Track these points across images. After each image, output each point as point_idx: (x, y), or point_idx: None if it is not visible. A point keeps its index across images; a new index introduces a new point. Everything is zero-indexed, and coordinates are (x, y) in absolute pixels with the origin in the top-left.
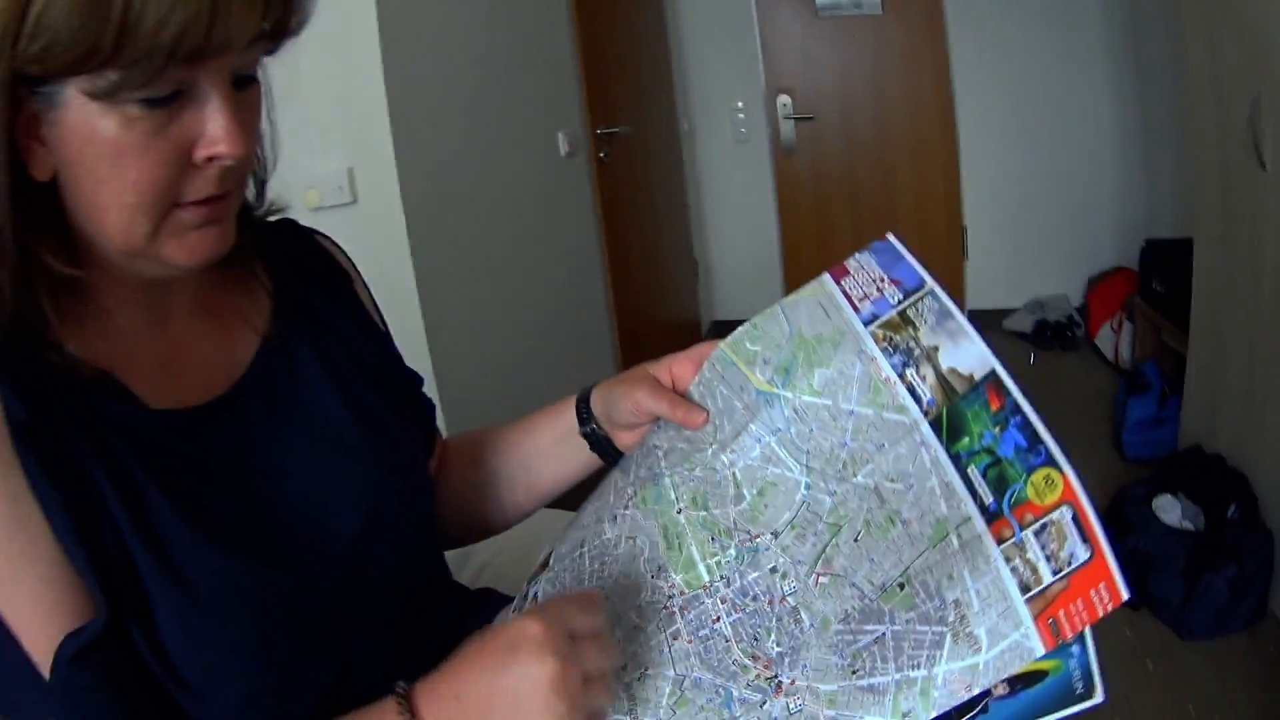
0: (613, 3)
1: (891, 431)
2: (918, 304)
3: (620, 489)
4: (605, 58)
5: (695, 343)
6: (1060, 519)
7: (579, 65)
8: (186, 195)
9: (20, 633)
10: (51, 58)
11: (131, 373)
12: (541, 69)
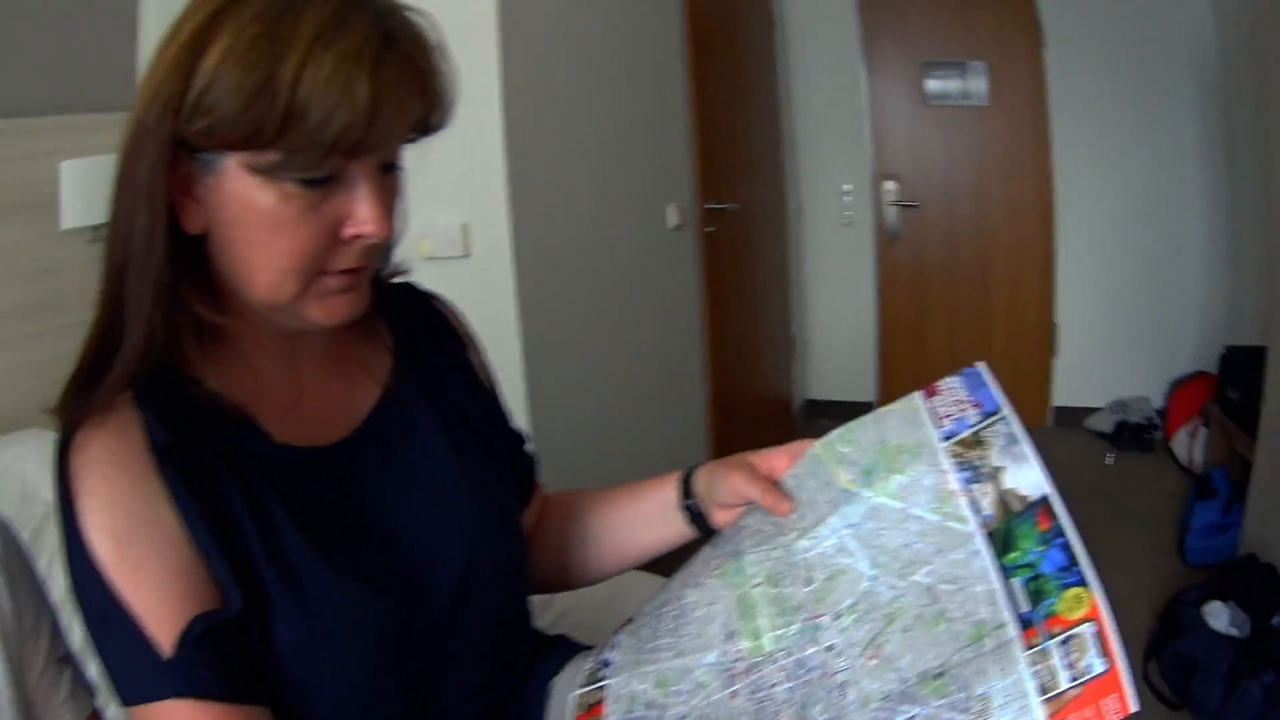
0: (729, 80)
1: (951, 538)
2: (992, 427)
3: (708, 560)
4: (719, 134)
5: (787, 419)
6: (1083, 633)
7: (693, 140)
8: (332, 265)
9: (143, 616)
10: (216, 134)
11: (263, 411)
12: (656, 141)
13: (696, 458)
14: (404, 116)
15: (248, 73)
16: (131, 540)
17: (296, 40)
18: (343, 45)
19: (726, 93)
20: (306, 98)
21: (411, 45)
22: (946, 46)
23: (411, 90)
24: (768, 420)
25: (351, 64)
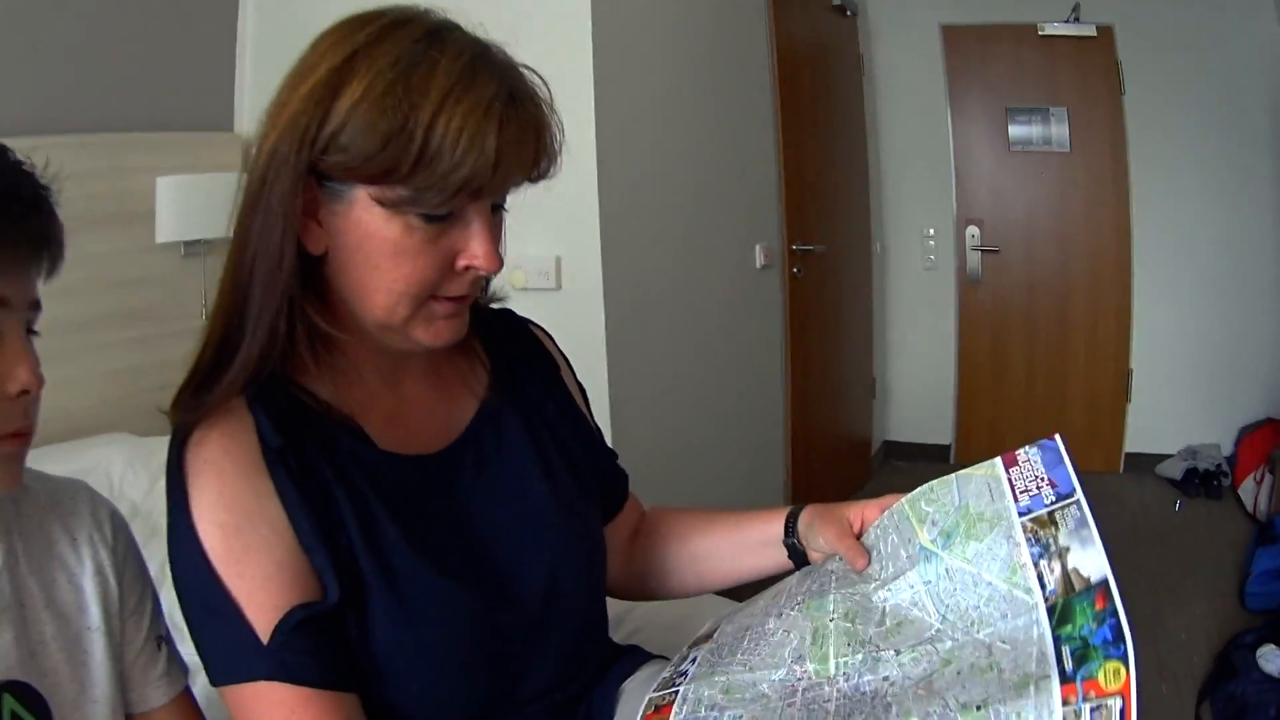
0: (817, 123)
1: (1015, 606)
2: (1065, 509)
3: (792, 594)
4: (806, 176)
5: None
6: (1112, 705)
7: (781, 182)
8: (442, 291)
9: (244, 603)
10: (350, 168)
11: (369, 420)
12: (745, 183)
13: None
14: (522, 165)
15: (383, 117)
16: (239, 532)
17: (431, 91)
18: (473, 99)
19: (814, 136)
20: (439, 145)
21: (531, 102)
22: (1029, 92)
23: (529, 142)
24: (846, 460)
25: (481, 117)
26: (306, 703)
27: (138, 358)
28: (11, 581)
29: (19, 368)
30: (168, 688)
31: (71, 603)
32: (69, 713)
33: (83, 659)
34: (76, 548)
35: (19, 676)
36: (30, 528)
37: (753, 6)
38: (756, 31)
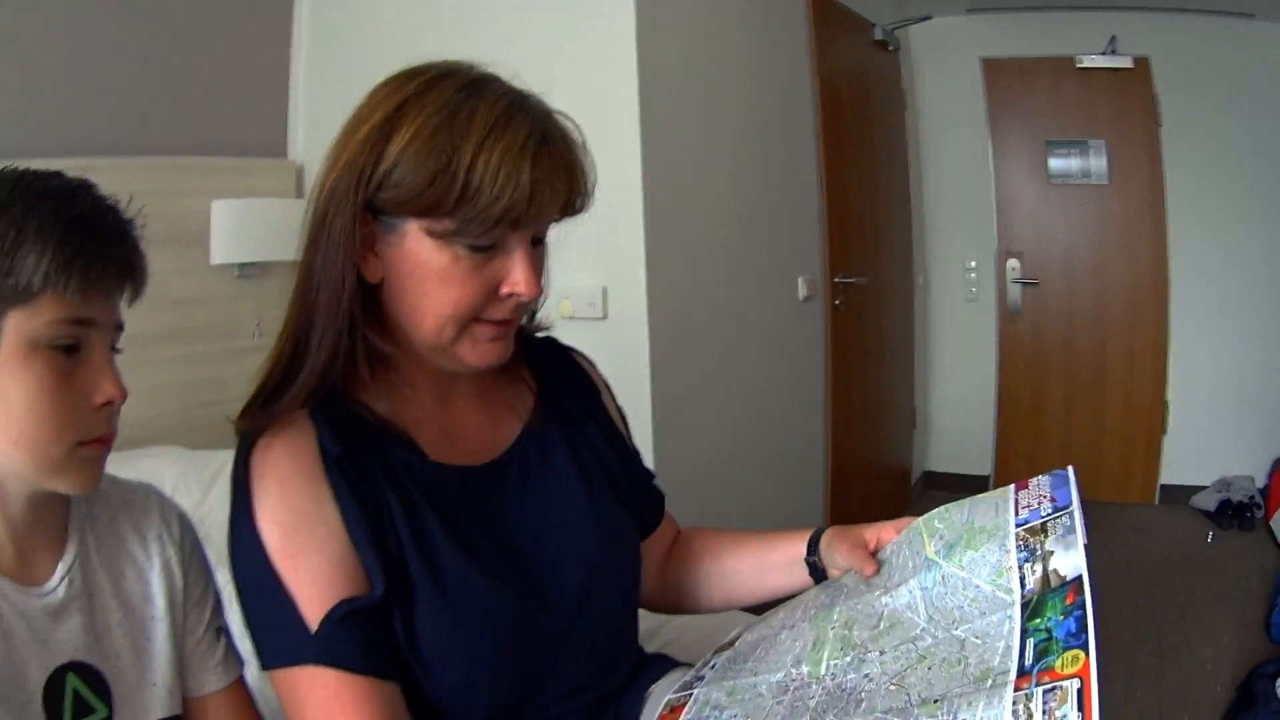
0: (860, 156)
1: (995, 604)
2: (1057, 519)
3: (807, 607)
4: (849, 208)
5: (904, 489)
6: (1068, 687)
7: (824, 213)
8: (486, 315)
9: (297, 594)
10: (401, 203)
11: (421, 434)
12: (789, 215)
13: (812, 520)
14: (555, 199)
15: (430, 156)
16: (297, 531)
17: (471, 133)
18: (509, 140)
19: (857, 168)
20: (479, 181)
21: (563, 143)
22: (1068, 125)
23: (562, 178)
24: (885, 489)
25: (517, 155)
26: (349, 687)
27: (191, 374)
28: (82, 572)
29: (105, 381)
30: (224, 675)
31: (138, 593)
32: (128, 694)
33: (145, 645)
34: (145, 544)
35: (84, 658)
36: (101, 525)
37: (795, 41)
38: (799, 66)
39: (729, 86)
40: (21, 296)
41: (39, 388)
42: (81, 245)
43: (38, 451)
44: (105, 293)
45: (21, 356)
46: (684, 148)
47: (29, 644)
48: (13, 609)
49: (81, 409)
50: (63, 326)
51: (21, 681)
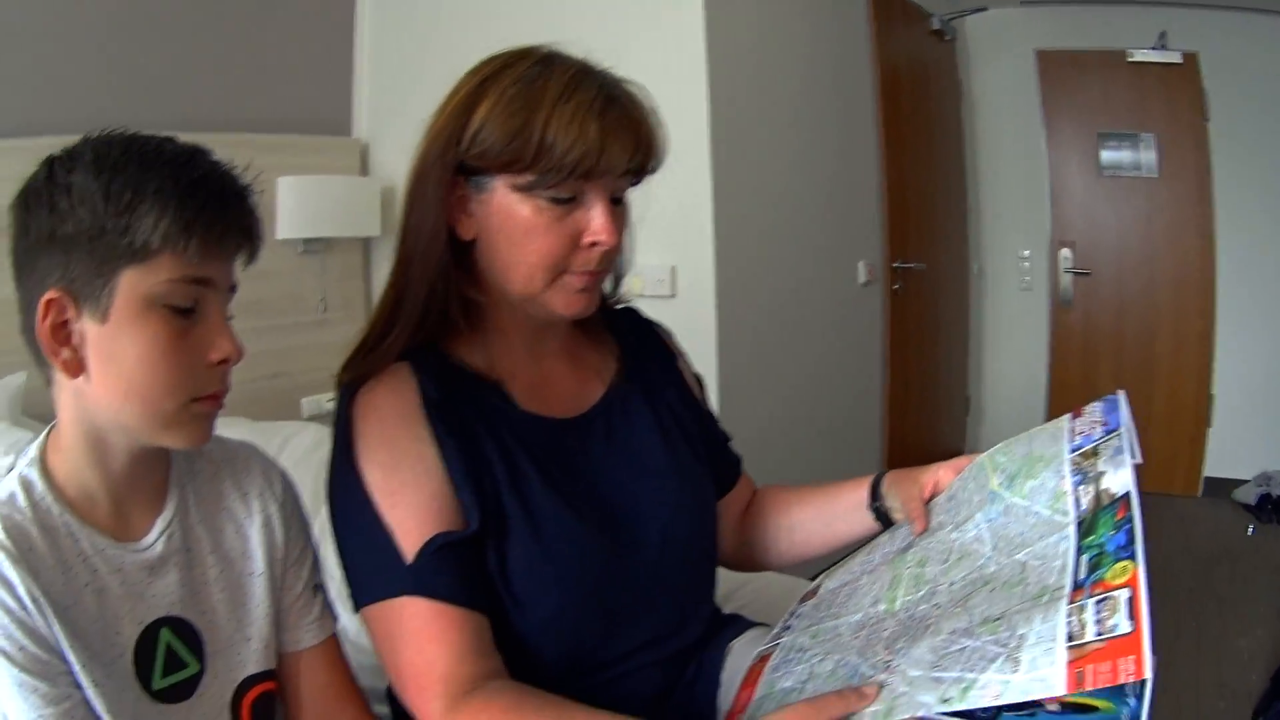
0: (918, 145)
1: (1052, 527)
2: (1108, 441)
3: (885, 551)
4: (907, 196)
5: None
6: (1118, 597)
7: (883, 200)
8: (572, 266)
9: (396, 530)
10: (486, 160)
11: (513, 385)
12: (850, 199)
13: None
14: (624, 152)
15: (510, 118)
16: (397, 469)
17: (546, 96)
18: (579, 100)
19: (914, 156)
20: (553, 136)
21: (630, 103)
22: (1119, 118)
23: (629, 133)
24: None
25: (585, 112)
26: (439, 616)
27: (256, 347)
28: (181, 527)
29: (221, 338)
30: (319, 631)
31: (237, 549)
32: (222, 648)
33: (243, 600)
34: (247, 501)
35: (179, 613)
36: (201, 481)
37: (855, 29)
38: (859, 54)
39: (793, 73)
40: (138, 255)
41: (154, 344)
42: (203, 206)
43: (150, 406)
44: (224, 254)
45: (137, 313)
46: (750, 134)
47: (122, 599)
48: (108, 564)
49: (196, 366)
50: (180, 286)
51: (113, 637)
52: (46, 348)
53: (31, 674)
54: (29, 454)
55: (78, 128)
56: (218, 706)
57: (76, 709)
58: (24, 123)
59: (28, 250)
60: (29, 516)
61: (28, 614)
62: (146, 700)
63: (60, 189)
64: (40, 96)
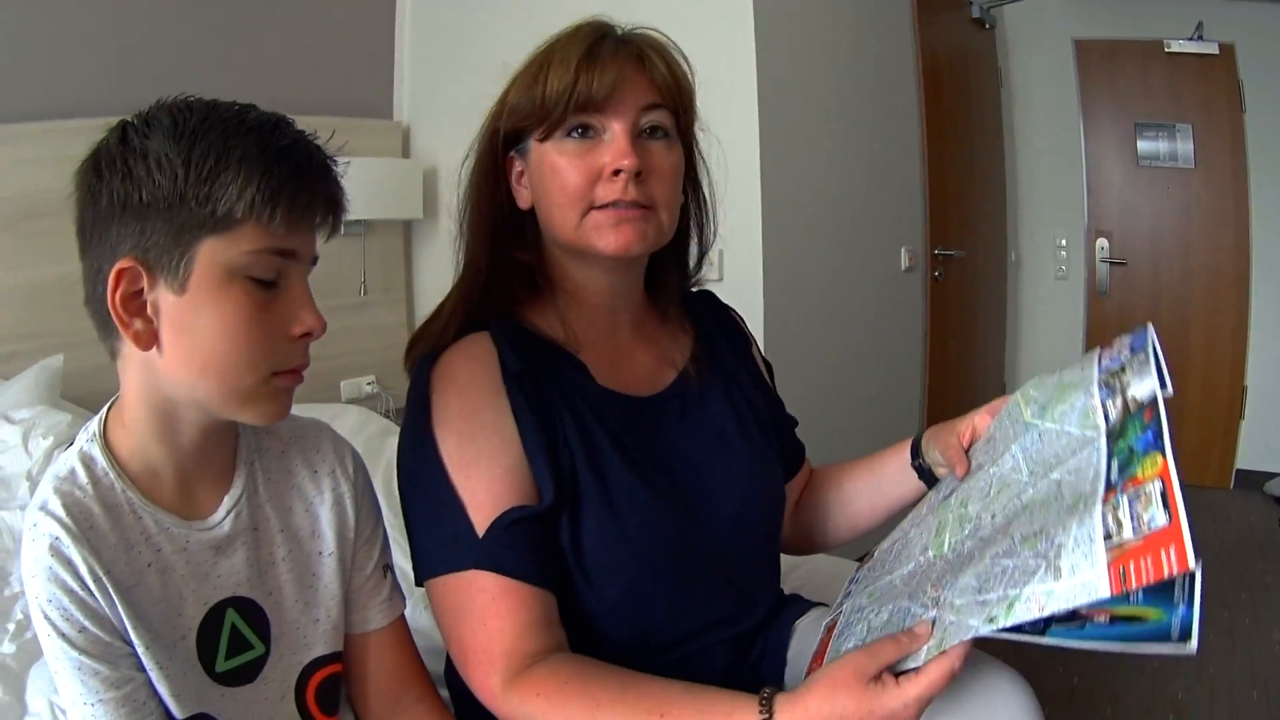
0: (959, 133)
1: (1084, 442)
2: (1134, 358)
3: (933, 503)
4: (948, 183)
5: None
6: (1151, 490)
7: (925, 187)
8: (600, 199)
9: (468, 503)
10: (518, 124)
11: (591, 362)
12: (893, 186)
13: None
14: (610, 80)
15: (526, 80)
16: (474, 440)
17: (551, 54)
18: (572, 45)
19: (955, 144)
20: (549, 76)
21: (626, 40)
22: (1157, 108)
23: (619, 62)
24: None
25: (574, 51)
26: (507, 592)
27: None
28: (249, 506)
29: (304, 311)
30: (388, 612)
31: (306, 528)
32: (289, 630)
33: (311, 580)
34: (317, 480)
35: (246, 593)
36: (270, 459)
37: (899, 16)
38: (903, 41)
39: (838, 60)
40: (220, 224)
41: (235, 316)
42: (289, 176)
43: (229, 380)
44: (308, 225)
45: (217, 284)
46: (797, 120)
47: (187, 579)
48: (172, 544)
49: (278, 339)
50: (264, 257)
51: (176, 618)
52: (118, 318)
53: (92, 656)
54: (90, 429)
55: (122, 110)
56: (281, 690)
57: (138, 691)
58: (77, 103)
59: (97, 218)
60: (90, 494)
61: (90, 594)
62: (209, 683)
63: (136, 155)
64: (88, 79)
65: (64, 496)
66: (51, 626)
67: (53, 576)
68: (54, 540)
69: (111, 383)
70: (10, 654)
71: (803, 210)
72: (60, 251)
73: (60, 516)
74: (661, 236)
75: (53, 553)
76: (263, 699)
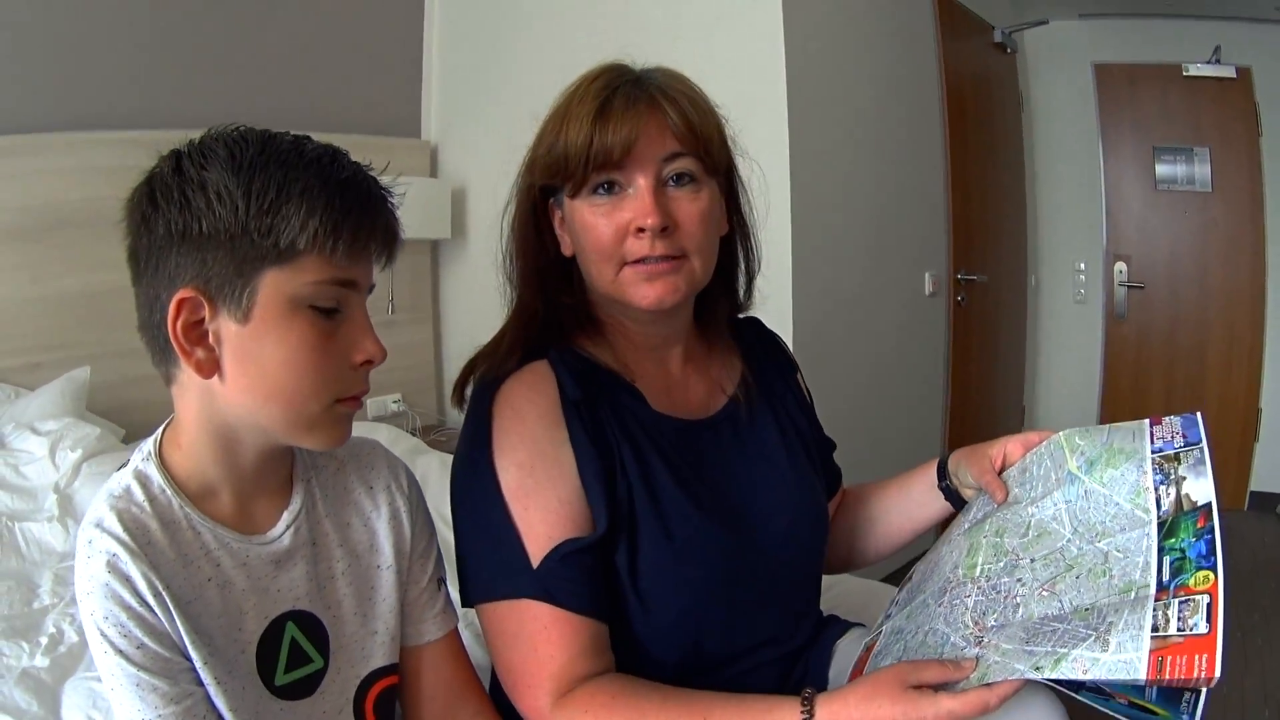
0: (982, 157)
1: (1134, 521)
2: (1189, 451)
3: (961, 523)
4: (971, 208)
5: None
6: (1200, 601)
7: (949, 212)
8: (630, 255)
9: (525, 533)
10: (550, 180)
11: (646, 389)
12: (918, 211)
13: None
14: (623, 135)
15: (549, 140)
16: (533, 471)
17: (567, 110)
18: (585, 101)
19: (979, 169)
20: (566, 139)
21: (638, 90)
22: (1175, 132)
23: (633, 116)
24: None
25: (586, 108)
26: (559, 621)
27: None
28: (308, 521)
29: (366, 340)
30: (442, 624)
31: (364, 543)
32: (347, 643)
33: (369, 594)
34: (373, 495)
35: (306, 607)
36: (326, 476)
37: (923, 43)
38: (927, 66)
39: (866, 86)
40: (283, 256)
41: (300, 345)
42: (350, 208)
43: (294, 407)
44: (368, 256)
45: (281, 314)
46: (825, 146)
47: (247, 593)
48: (232, 558)
49: (341, 367)
50: (326, 287)
51: (235, 632)
52: (179, 347)
53: (150, 672)
54: (144, 449)
55: (148, 123)
56: (339, 703)
57: (197, 706)
58: (102, 115)
59: (153, 246)
60: (148, 510)
61: (149, 610)
62: (268, 696)
63: (194, 185)
64: (114, 92)
65: (121, 514)
66: (109, 643)
67: (110, 593)
68: (111, 557)
69: (136, 396)
70: (44, 668)
71: (831, 236)
72: (83, 263)
73: (117, 533)
74: (695, 284)
75: (110, 569)
76: (320, 712)
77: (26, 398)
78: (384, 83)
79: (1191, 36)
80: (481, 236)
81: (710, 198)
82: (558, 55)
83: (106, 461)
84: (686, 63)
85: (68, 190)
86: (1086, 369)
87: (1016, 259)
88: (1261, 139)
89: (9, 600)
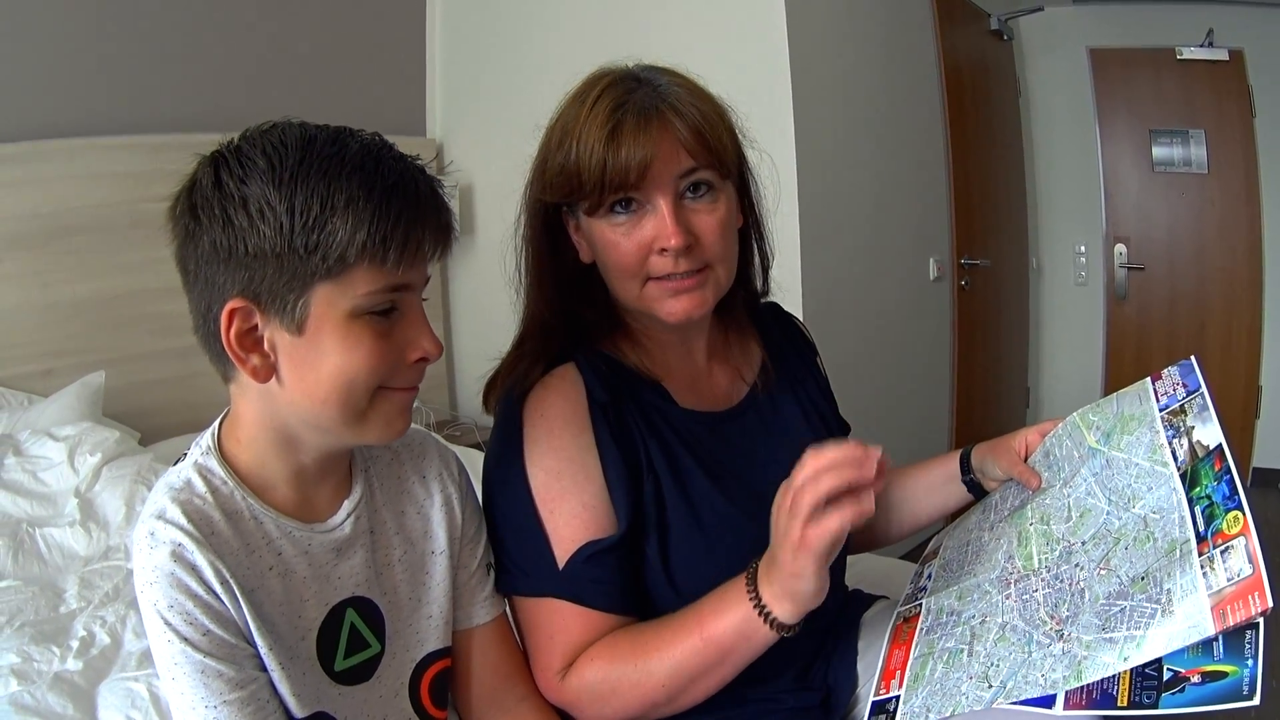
0: (981, 143)
1: (1156, 479)
2: (1191, 400)
3: (999, 508)
4: (972, 193)
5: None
6: (1238, 545)
7: (950, 198)
8: (653, 272)
9: (551, 536)
10: (555, 193)
11: (671, 385)
12: (921, 197)
13: None
14: (638, 157)
15: (559, 159)
16: (560, 477)
17: (575, 129)
18: (593, 122)
19: (978, 154)
20: (578, 162)
21: (647, 108)
22: (1170, 115)
23: (646, 137)
24: None
25: (596, 131)
26: (582, 618)
27: None
28: (367, 509)
29: (422, 338)
30: (492, 608)
31: (419, 530)
32: (402, 627)
33: (424, 579)
34: (426, 484)
35: (364, 593)
36: (381, 466)
37: (922, 31)
38: (926, 55)
39: (867, 76)
40: (333, 270)
41: (358, 352)
42: (399, 216)
43: (350, 407)
44: (422, 257)
45: (337, 325)
46: (831, 135)
47: (309, 580)
48: (294, 547)
49: (396, 364)
50: (380, 295)
51: (296, 619)
52: (234, 355)
53: (216, 659)
54: (202, 444)
55: (153, 127)
56: (394, 687)
57: (261, 691)
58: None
59: (200, 260)
60: (210, 501)
61: (215, 598)
62: (328, 681)
63: (235, 202)
64: (120, 96)
65: (183, 505)
66: (173, 631)
67: (175, 582)
68: (176, 546)
69: (150, 400)
70: (77, 671)
71: (838, 224)
72: (93, 268)
73: (181, 523)
74: (721, 291)
75: (175, 558)
76: (378, 696)
77: (41, 404)
78: (386, 80)
79: (1184, 20)
80: (490, 233)
81: (727, 202)
82: (562, 49)
83: (126, 465)
84: (690, 54)
85: (77, 196)
86: (1089, 350)
87: (1018, 243)
88: (1255, 120)
89: (35, 606)
